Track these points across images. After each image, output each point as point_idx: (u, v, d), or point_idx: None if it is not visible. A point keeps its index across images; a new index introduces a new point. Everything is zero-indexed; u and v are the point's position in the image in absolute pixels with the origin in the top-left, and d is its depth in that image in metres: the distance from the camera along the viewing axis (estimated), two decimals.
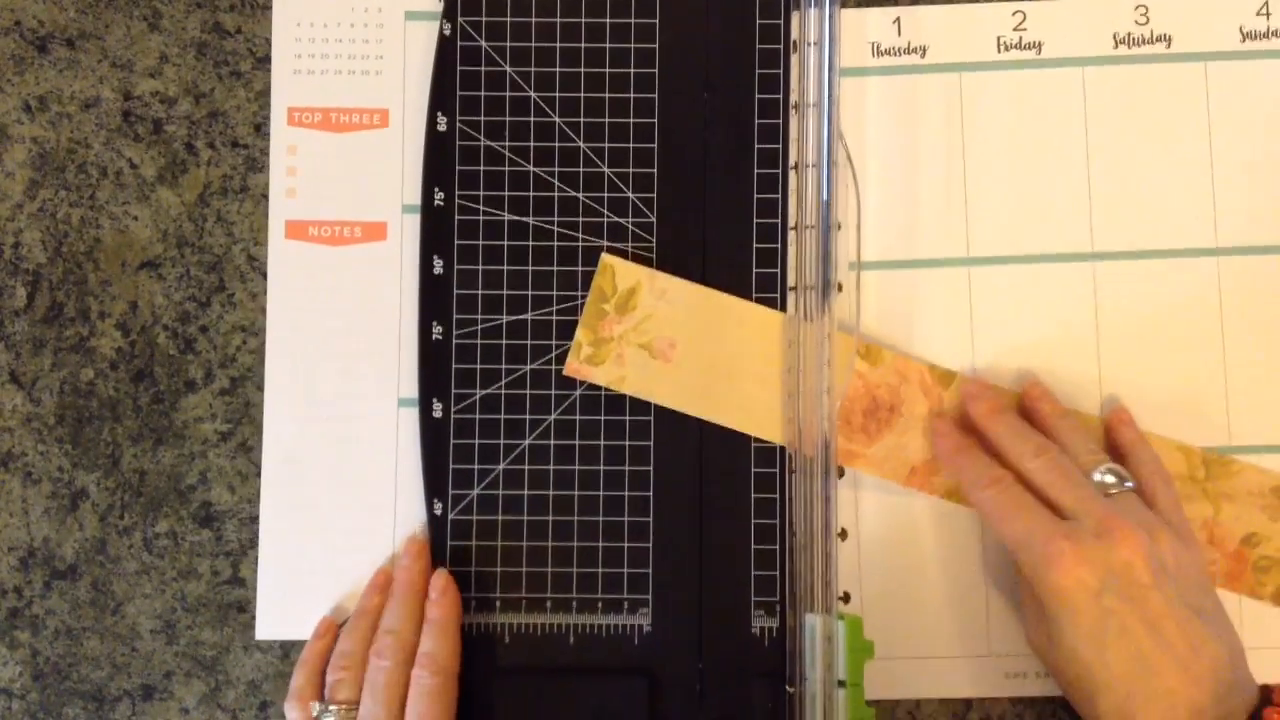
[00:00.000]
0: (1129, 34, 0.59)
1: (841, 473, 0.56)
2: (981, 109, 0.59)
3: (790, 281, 0.57)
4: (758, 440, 0.57)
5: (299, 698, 0.54)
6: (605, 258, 0.56)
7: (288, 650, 0.57)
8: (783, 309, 0.57)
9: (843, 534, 0.57)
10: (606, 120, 0.58)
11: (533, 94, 0.58)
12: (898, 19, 0.59)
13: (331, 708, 0.52)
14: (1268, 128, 0.58)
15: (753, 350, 0.57)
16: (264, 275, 0.58)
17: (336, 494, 0.57)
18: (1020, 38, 0.59)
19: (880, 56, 0.59)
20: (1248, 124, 0.58)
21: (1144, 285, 0.58)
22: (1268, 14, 0.59)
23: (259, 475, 0.58)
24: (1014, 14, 0.59)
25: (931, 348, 0.58)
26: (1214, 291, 0.58)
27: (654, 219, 0.58)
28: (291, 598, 0.57)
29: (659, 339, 0.56)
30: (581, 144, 0.58)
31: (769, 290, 0.57)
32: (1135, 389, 0.57)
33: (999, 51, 0.59)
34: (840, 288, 0.57)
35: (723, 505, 0.57)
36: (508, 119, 0.58)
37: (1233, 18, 0.59)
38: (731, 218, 0.57)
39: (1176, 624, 0.48)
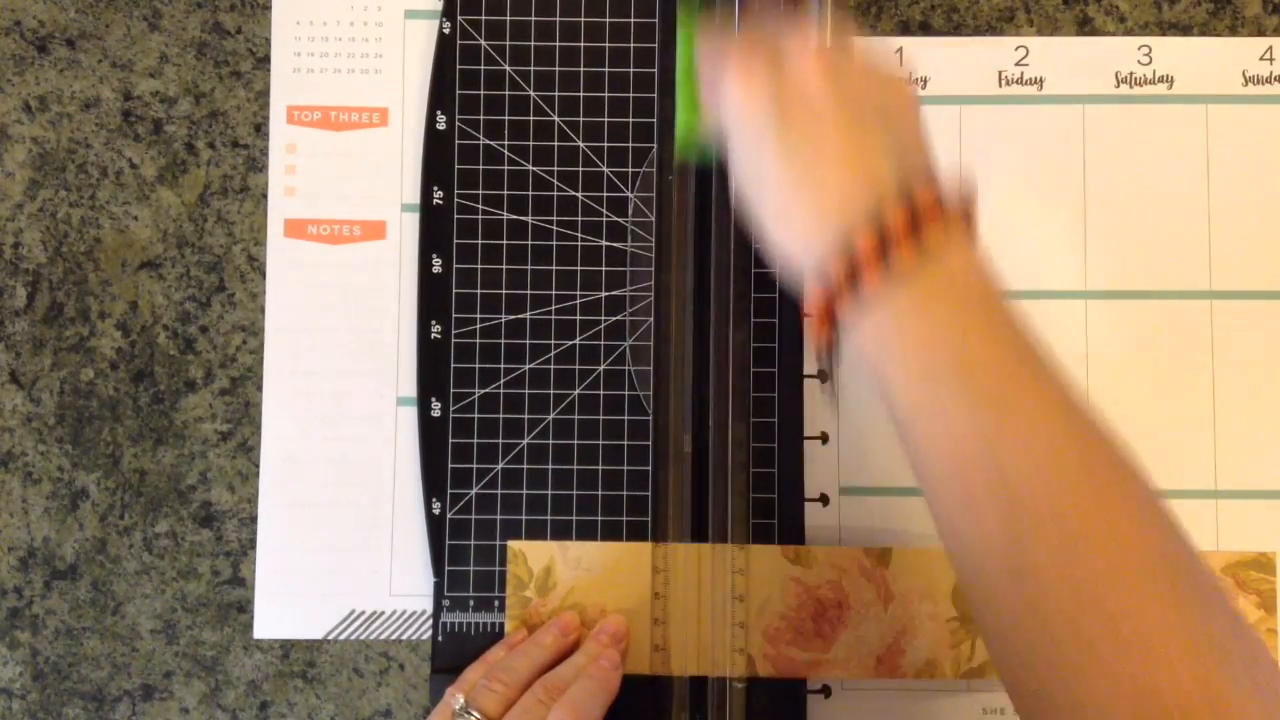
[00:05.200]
0: (1131, 73, 0.59)
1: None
2: (981, 143, 0.59)
3: None
4: (755, 443, 0.56)
5: (463, 690, 0.51)
6: (511, 545, 0.56)
7: (288, 650, 0.57)
8: (780, 336, 0.57)
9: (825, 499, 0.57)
10: (606, 120, 0.58)
11: (532, 93, 0.58)
12: (900, 49, 0.59)
13: (473, 713, 0.50)
14: (1267, 172, 0.58)
15: (683, 584, 0.56)
16: (264, 275, 0.58)
17: (335, 492, 0.57)
18: (1022, 73, 0.59)
19: None
20: (1247, 168, 0.58)
21: (1136, 325, 0.58)
22: (1271, 59, 0.59)
23: (259, 475, 0.58)
24: (1016, 49, 0.59)
25: None
26: (1206, 335, 0.58)
27: (654, 219, 0.58)
28: (290, 596, 0.57)
29: (589, 608, 0.55)
30: (581, 143, 0.58)
31: (769, 315, 0.57)
32: (1122, 429, 0.57)
33: (1000, 86, 0.59)
34: None
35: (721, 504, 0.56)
36: (507, 118, 0.58)
37: (1236, 61, 0.59)
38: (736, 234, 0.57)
39: (842, 135, 0.43)
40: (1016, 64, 0.59)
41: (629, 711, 0.55)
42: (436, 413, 0.57)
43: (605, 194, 0.58)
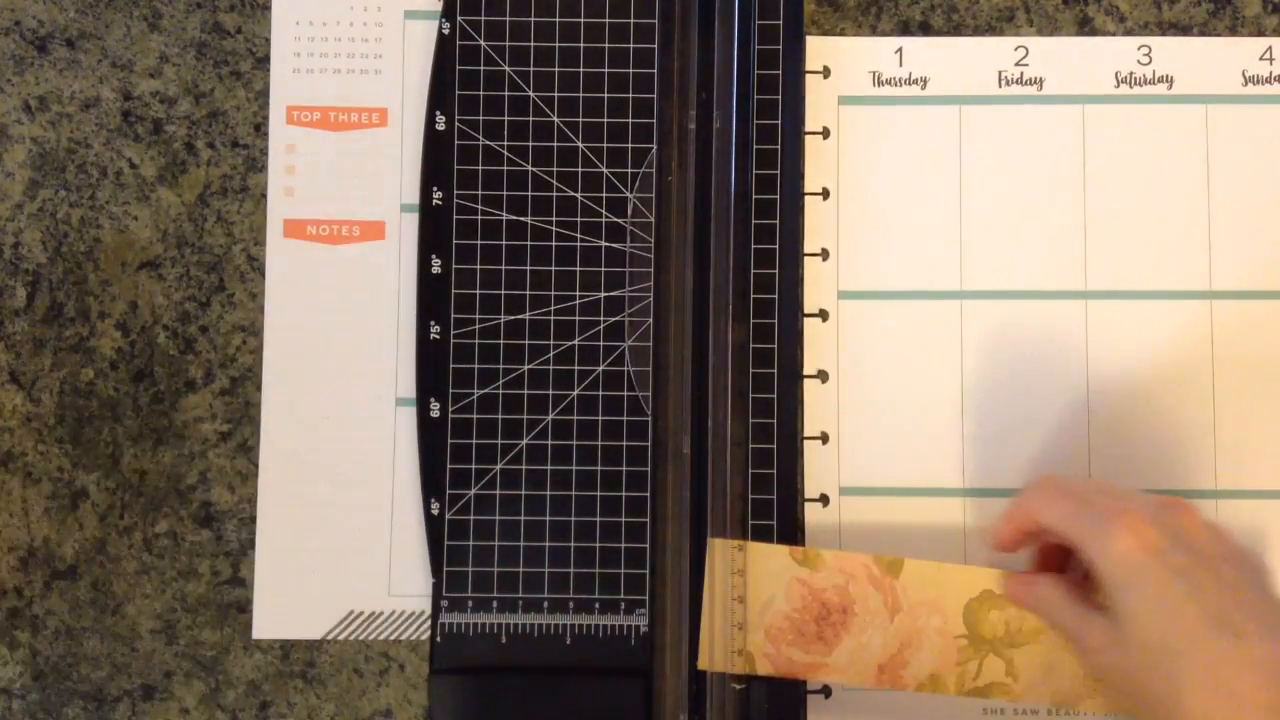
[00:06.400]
0: (1131, 73, 0.59)
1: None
2: (980, 142, 0.59)
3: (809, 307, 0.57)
4: (754, 444, 0.56)
5: None
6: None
7: (288, 650, 0.57)
8: (780, 336, 0.57)
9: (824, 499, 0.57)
10: (605, 120, 0.58)
11: (531, 93, 0.58)
12: (900, 49, 0.59)
13: None
14: (1266, 172, 0.58)
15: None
16: (264, 275, 0.58)
17: (334, 493, 0.57)
18: (1022, 73, 0.59)
19: (881, 86, 0.59)
20: (1246, 168, 0.58)
21: (1136, 325, 0.58)
22: (1270, 59, 0.59)
23: (259, 475, 0.58)
24: (1016, 49, 0.59)
25: (921, 381, 0.58)
26: (1206, 335, 0.58)
27: (653, 219, 0.58)
28: (290, 597, 0.57)
29: None
30: (580, 144, 0.58)
31: (768, 315, 0.57)
32: (1122, 429, 0.57)
33: (1000, 86, 0.59)
34: (825, 316, 0.58)
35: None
36: (506, 118, 0.58)
37: (1235, 61, 0.59)
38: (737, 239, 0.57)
39: (1252, 591, 0.45)
40: (1016, 64, 0.59)
41: (625, 711, 0.55)
42: (435, 413, 0.57)
43: (604, 195, 0.57)
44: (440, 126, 0.58)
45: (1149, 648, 0.44)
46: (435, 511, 0.57)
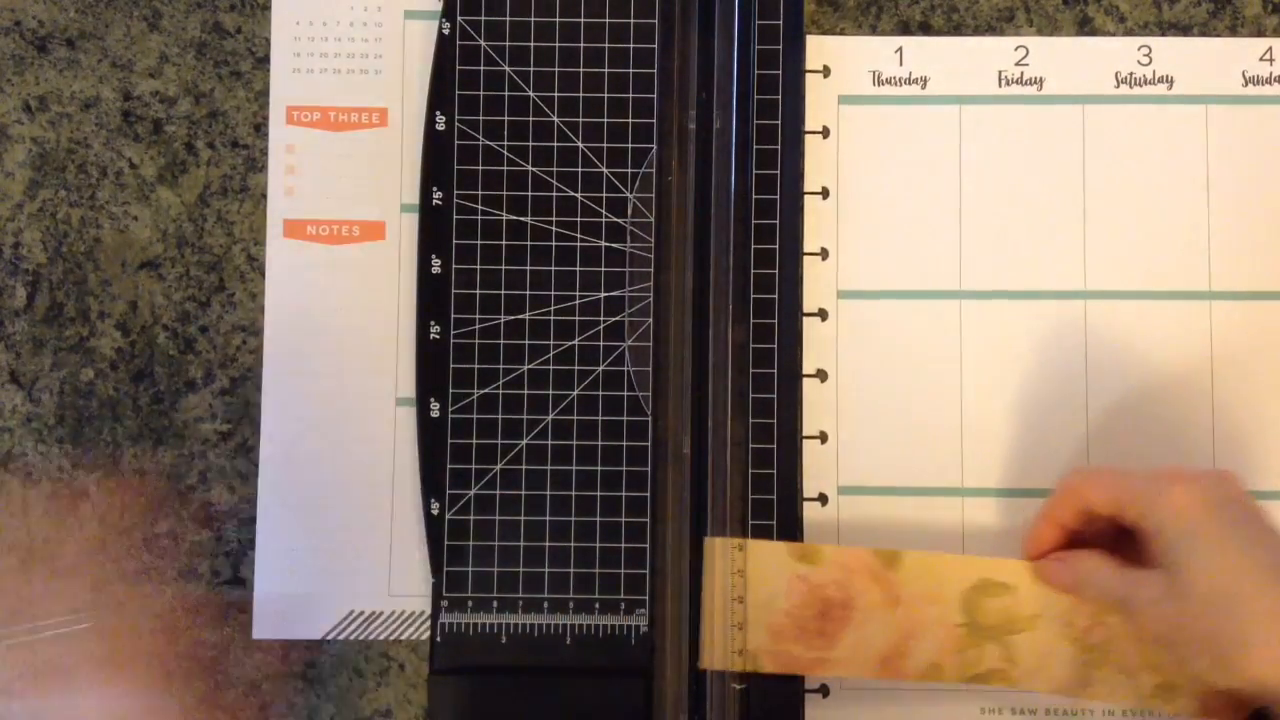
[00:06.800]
0: (1131, 74, 0.59)
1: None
2: (980, 142, 0.59)
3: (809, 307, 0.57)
4: (753, 444, 0.56)
5: None
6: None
7: (288, 650, 0.57)
8: (780, 336, 0.57)
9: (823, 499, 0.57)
10: (605, 120, 0.58)
11: (531, 94, 0.58)
12: (900, 49, 0.59)
13: None
14: (1267, 173, 0.58)
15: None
16: (264, 275, 0.58)
17: (334, 493, 0.57)
18: (1022, 73, 0.59)
19: (881, 86, 0.59)
20: (1246, 168, 0.58)
21: (1135, 326, 0.58)
22: (1271, 59, 0.59)
23: (259, 475, 0.58)
24: (1016, 49, 0.59)
25: (920, 380, 0.58)
26: (1206, 335, 0.58)
27: (653, 219, 0.58)
28: (290, 597, 0.57)
29: None
30: (580, 144, 0.58)
31: (768, 315, 0.57)
32: (1122, 429, 0.57)
33: (1000, 86, 0.59)
34: (824, 315, 0.58)
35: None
36: (506, 118, 0.58)
37: (1236, 62, 0.59)
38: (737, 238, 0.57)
39: None
40: (1016, 64, 0.59)
41: (625, 711, 0.55)
42: (435, 413, 0.57)
43: (604, 195, 0.58)
44: (440, 126, 0.58)
45: (1209, 595, 0.45)
46: (435, 511, 0.57)
